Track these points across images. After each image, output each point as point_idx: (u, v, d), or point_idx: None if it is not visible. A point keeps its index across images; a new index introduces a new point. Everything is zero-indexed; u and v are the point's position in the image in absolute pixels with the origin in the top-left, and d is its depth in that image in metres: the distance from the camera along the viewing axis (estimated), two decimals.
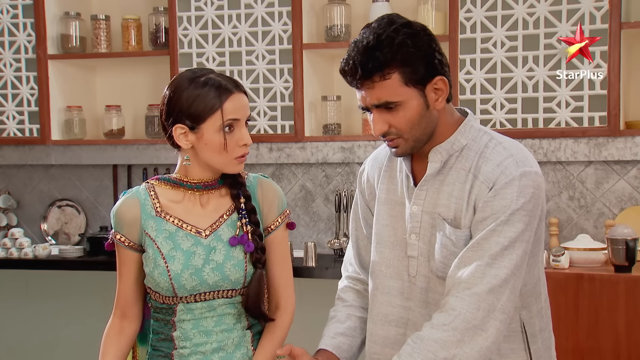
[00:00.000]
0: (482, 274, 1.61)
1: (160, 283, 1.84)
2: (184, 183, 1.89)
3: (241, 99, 1.84)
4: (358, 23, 3.70)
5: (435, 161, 1.73)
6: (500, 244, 1.62)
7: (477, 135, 1.74)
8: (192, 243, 1.86)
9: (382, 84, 1.63)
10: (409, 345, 1.64)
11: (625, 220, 3.22)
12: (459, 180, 1.71)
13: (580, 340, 2.95)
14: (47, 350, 4.11)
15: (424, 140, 1.72)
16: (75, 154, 4.02)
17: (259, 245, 1.89)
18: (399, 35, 1.62)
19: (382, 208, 1.84)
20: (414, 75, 1.63)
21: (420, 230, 1.75)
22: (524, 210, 1.64)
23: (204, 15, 3.72)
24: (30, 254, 3.90)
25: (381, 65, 1.61)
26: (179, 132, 1.82)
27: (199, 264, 1.84)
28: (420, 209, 1.75)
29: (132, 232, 1.88)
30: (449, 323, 1.61)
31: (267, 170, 3.87)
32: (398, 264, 1.80)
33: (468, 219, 1.69)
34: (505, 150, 1.70)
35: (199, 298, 1.86)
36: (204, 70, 1.88)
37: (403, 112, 1.66)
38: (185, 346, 1.87)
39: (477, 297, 1.60)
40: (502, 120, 3.36)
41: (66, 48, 3.97)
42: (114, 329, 1.93)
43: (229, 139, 1.81)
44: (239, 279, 1.86)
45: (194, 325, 1.87)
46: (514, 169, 1.66)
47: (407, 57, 1.62)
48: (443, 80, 1.67)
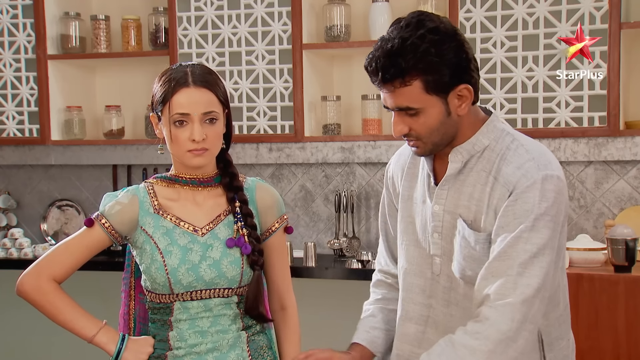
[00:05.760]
0: (513, 284, 1.59)
1: (157, 279, 1.84)
2: (178, 179, 1.91)
3: (194, 94, 1.82)
4: (358, 23, 3.70)
5: (456, 161, 1.71)
6: (529, 252, 1.60)
7: (500, 136, 1.72)
8: (188, 240, 1.87)
9: (403, 90, 1.61)
10: (439, 346, 1.63)
11: (625, 220, 3.22)
12: (480, 182, 1.69)
13: (580, 340, 2.92)
14: (47, 350, 4.11)
15: (444, 144, 1.70)
16: (75, 154, 4.02)
17: (256, 248, 1.90)
18: (424, 42, 1.59)
19: (405, 205, 1.84)
20: (436, 84, 1.61)
21: (442, 229, 1.74)
22: (548, 215, 1.61)
23: (204, 16, 3.72)
24: (30, 254, 3.91)
25: (402, 72, 1.59)
26: (154, 122, 1.91)
27: (195, 260, 1.85)
28: (442, 208, 1.73)
29: (122, 224, 1.89)
30: (482, 332, 1.59)
31: (267, 171, 3.87)
32: (422, 261, 1.80)
33: (488, 222, 1.67)
34: (527, 153, 1.67)
35: (195, 296, 1.86)
36: (185, 64, 1.90)
37: (424, 118, 1.64)
38: (180, 347, 1.88)
39: (510, 307, 1.58)
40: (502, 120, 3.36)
41: (66, 48, 3.97)
42: (54, 284, 1.88)
43: (180, 133, 1.82)
44: (235, 277, 1.87)
45: (190, 325, 1.87)
46: (536, 172, 1.63)
47: (430, 65, 1.59)
48: (467, 88, 1.64)
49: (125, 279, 2.02)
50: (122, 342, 1.87)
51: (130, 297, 2.01)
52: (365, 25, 3.65)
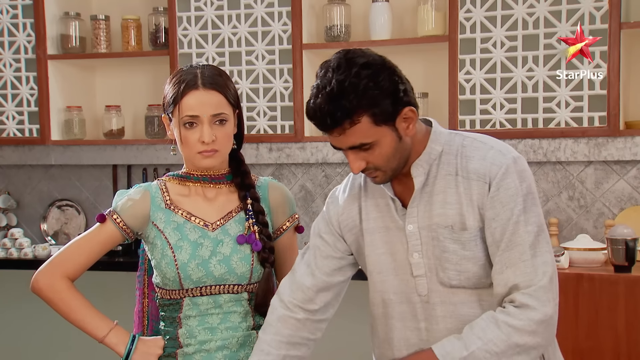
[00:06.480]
0: (532, 267, 1.65)
1: (167, 274, 1.86)
2: (190, 176, 1.93)
3: (203, 96, 1.83)
4: (358, 23, 3.70)
5: (419, 174, 1.74)
6: (532, 232, 1.66)
7: (449, 138, 1.76)
8: (199, 235, 1.88)
9: (353, 129, 1.62)
10: (483, 320, 1.66)
11: (625, 220, 3.22)
12: (449, 185, 1.72)
13: (580, 340, 2.95)
14: (47, 350, 4.11)
15: (402, 167, 1.73)
16: (75, 154, 4.02)
17: (267, 245, 1.91)
18: (361, 79, 1.60)
19: (374, 237, 1.82)
20: (382, 114, 1.63)
21: (422, 247, 1.75)
22: (531, 193, 1.68)
23: (204, 16, 3.72)
24: (30, 254, 3.90)
25: (349, 112, 1.60)
26: (166, 123, 1.92)
27: (205, 255, 1.86)
28: (416, 226, 1.75)
29: (134, 219, 1.91)
30: (524, 314, 1.63)
31: (267, 171, 3.87)
32: (405, 287, 1.79)
33: (473, 219, 1.69)
34: (483, 144, 1.73)
35: (205, 292, 1.87)
36: (196, 65, 1.92)
37: (379, 150, 1.66)
38: (190, 344, 1.88)
39: (543, 290, 1.64)
40: (502, 121, 3.36)
41: (66, 48, 3.97)
42: (67, 283, 1.90)
43: (190, 135, 1.84)
44: (244, 273, 1.88)
45: (200, 321, 1.88)
46: (502, 158, 1.69)
47: (372, 99, 1.61)
48: (411, 109, 1.67)
49: (139, 277, 2.04)
50: (132, 343, 1.87)
51: (143, 294, 2.04)
52: (365, 25, 3.65)
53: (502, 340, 1.63)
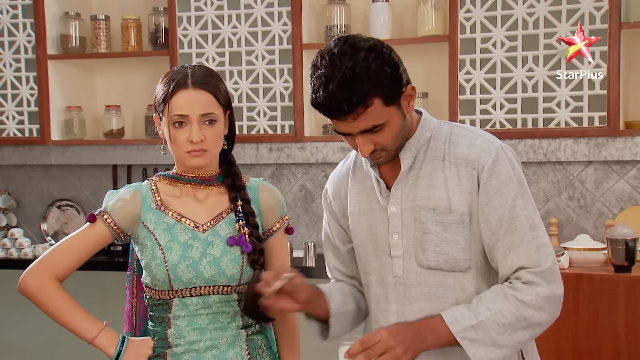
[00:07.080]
0: (535, 248, 1.69)
1: (157, 275, 1.85)
2: (181, 177, 1.93)
3: (192, 96, 1.83)
4: (358, 23, 3.70)
5: (407, 157, 1.77)
6: (530, 216, 1.70)
7: (438, 125, 1.81)
8: (189, 236, 1.88)
9: (367, 113, 1.65)
10: (492, 292, 1.70)
11: (625, 220, 3.22)
12: (435, 170, 1.75)
13: (580, 340, 2.95)
14: (47, 350, 4.11)
15: (402, 146, 1.77)
16: (75, 154, 4.02)
17: (257, 247, 1.91)
18: (370, 62, 1.63)
19: (359, 220, 1.85)
20: (391, 94, 1.66)
21: (402, 228, 1.77)
22: (522, 180, 1.74)
23: (204, 16, 3.72)
24: (30, 254, 3.91)
25: (364, 96, 1.63)
26: (157, 122, 1.92)
27: (196, 256, 1.86)
28: (399, 207, 1.77)
29: (124, 219, 1.90)
30: (532, 290, 1.68)
31: (267, 171, 3.88)
32: (382, 268, 1.81)
33: (458, 202, 1.72)
34: (471, 132, 1.78)
35: (194, 292, 1.87)
36: (188, 65, 1.92)
37: (388, 130, 1.69)
38: (179, 344, 1.88)
39: (549, 271, 1.69)
40: (502, 121, 3.36)
41: (66, 48, 3.97)
42: (56, 284, 1.88)
43: (179, 134, 1.84)
44: (234, 275, 1.87)
45: (189, 322, 1.88)
46: (491, 145, 1.73)
47: (383, 81, 1.64)
48: (412, 87, 1.72)
49: (128, 277, 2.04)
50: (122, 344, 1.87)
51: (132, 294, 2.03)
52: (365, 25, 3.65)
53: (510, 312, 1.66)
